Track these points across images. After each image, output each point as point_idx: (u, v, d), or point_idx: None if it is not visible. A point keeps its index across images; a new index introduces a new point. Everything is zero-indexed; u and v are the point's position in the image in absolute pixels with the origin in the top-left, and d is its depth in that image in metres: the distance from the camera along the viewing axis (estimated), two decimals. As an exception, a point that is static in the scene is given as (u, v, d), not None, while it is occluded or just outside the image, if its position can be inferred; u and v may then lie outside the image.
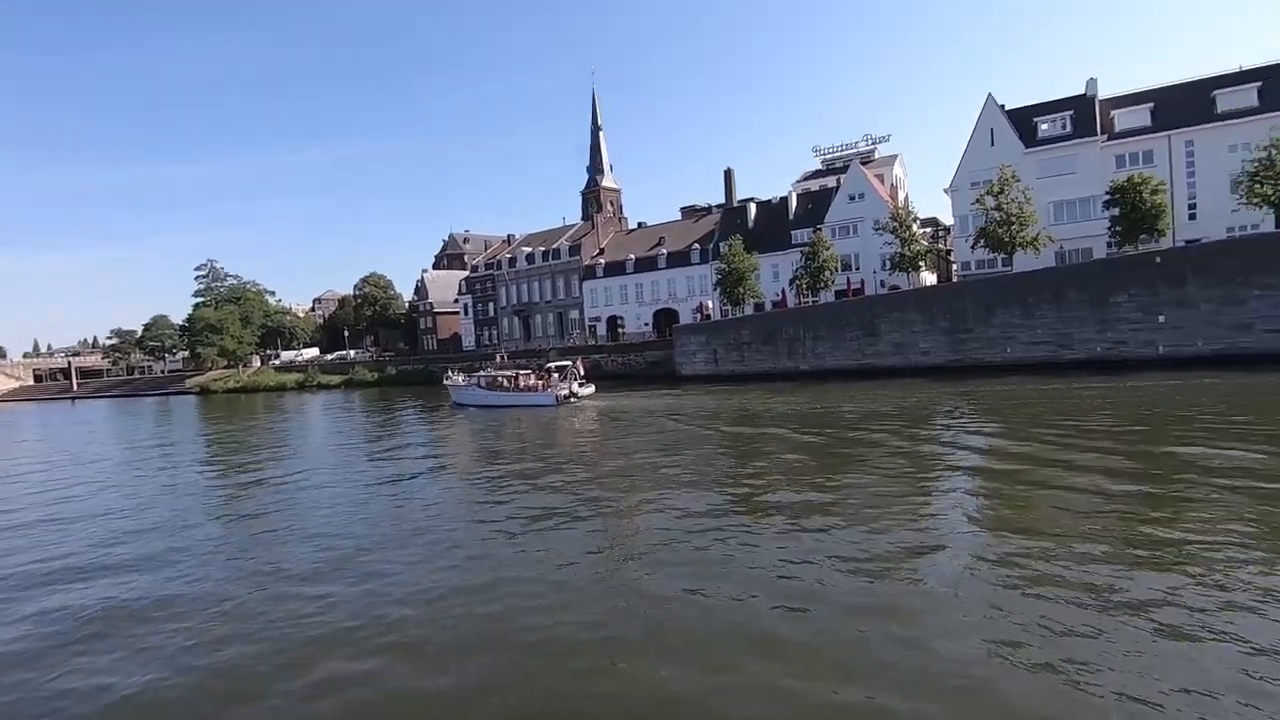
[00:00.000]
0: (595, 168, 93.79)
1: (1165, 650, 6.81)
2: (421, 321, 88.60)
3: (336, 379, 75.50)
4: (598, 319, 68.43)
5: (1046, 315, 36.29)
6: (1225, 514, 10.81)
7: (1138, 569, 8.92)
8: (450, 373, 47.43)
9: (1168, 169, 43.01)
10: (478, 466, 21.42)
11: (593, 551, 11.57)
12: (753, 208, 62.40)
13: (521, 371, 41.87)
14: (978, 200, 42.50)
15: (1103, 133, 45.35)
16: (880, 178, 59.40)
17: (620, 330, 65.85)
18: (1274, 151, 35.28)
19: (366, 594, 10.06)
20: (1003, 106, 48.63)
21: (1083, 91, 47.73)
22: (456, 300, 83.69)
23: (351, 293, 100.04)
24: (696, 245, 62.82)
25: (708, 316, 54.66)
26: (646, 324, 64.45)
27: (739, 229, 58.64)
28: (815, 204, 58.62)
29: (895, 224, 47.11)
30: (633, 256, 66.84)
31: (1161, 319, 33.32)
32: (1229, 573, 8.53)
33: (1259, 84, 42.34)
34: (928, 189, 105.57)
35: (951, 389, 31.22)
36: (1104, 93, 47.43)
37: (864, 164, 59.96)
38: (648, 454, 20.23)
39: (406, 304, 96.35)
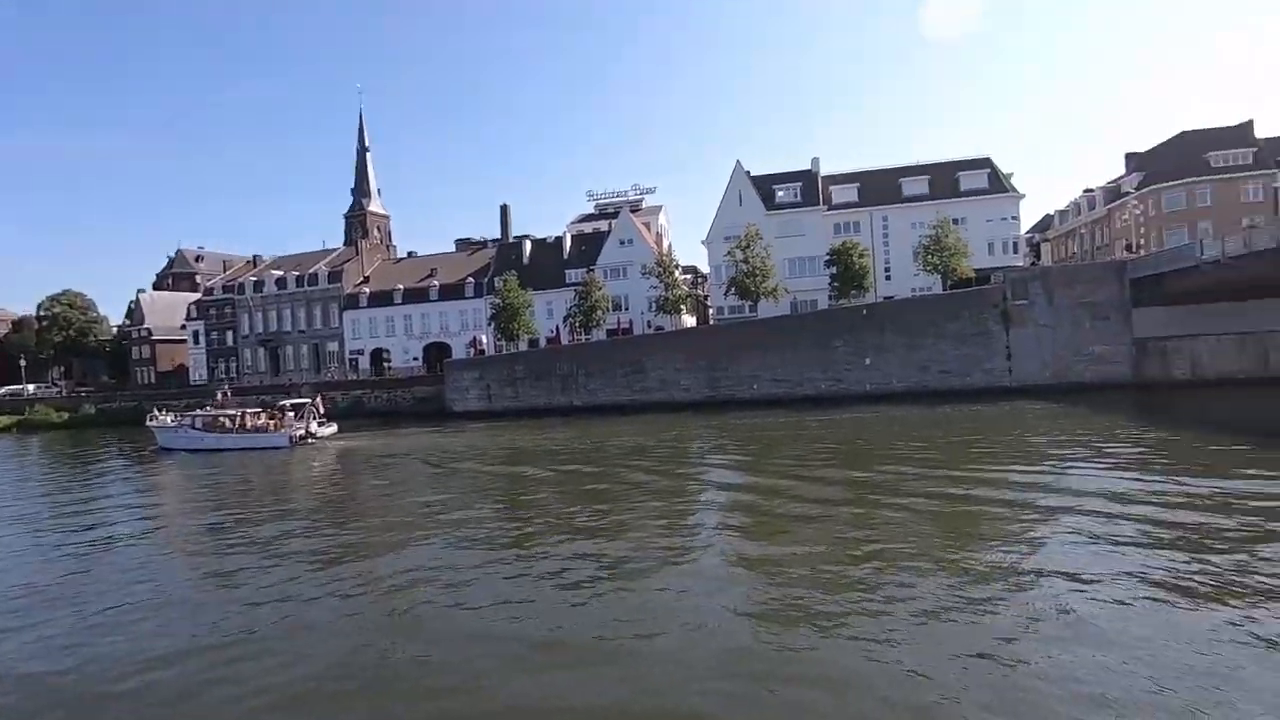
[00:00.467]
0: (361, 191, 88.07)
1: (900, 631, 8.00)
2: (135, 350, 74.52)
3: (4, 420, 60.21)
4: (360, 352, 63.50)
5: (784, 356, 41.55)
6: (908, 517, 13.15)
7: (853, 565, 10.41)
8: (156, 412, 40.58)
9: (870, 237, 52.24)
10: (171, 521, 18.39)
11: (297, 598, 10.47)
12: (528, 245, 63.08)
13: (249, 410, 37.11)
14: (728, 253, 47.69)
15: (824, 203, 53.79)
16: (647, 225, 63.84)
17: (386, 365, 61.72)
18: (939, 231, 44.80)
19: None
20: (749, 173, 55.40)
21: (809, 168, 56.32)
22: (184, 326, 72.04)
23: (35, 313, 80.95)
24: (471, 279, 61.63)
25: (482, 351, 53.61)
26: (416, 358, 61.29)
27: (514, 265, 58.78)
28: (589, 245, 61.03)
29: (660, 269, 50.78)
30: (401, 287, 63.49)
31: (868, 361, 40.00)
32: (915, 562, 10.33)
33: (928, 176, 53.61)
34: (689, 239, 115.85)
35: (708, 422, 34.11)
36: (825, 170, 56.43)
37: (633, 212, 64.05)
38: (393, 497, 19.05)
39: (114, 329, 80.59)
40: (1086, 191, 66.10)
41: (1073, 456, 19.27)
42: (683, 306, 52.63)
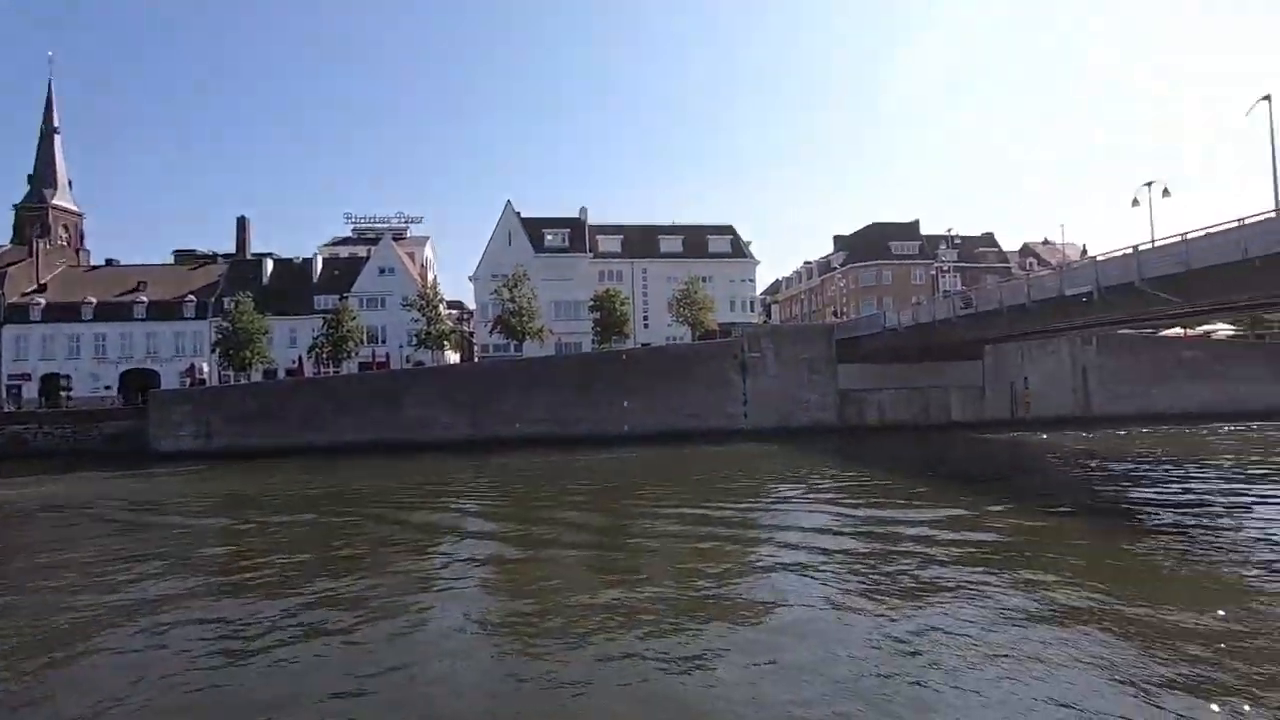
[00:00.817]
0: (44, 180, 71.65)
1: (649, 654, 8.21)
2: None
3: None
4: (24, 377, 50.79)
5: (549, 398, 42.03)
6: (662, 548, 13.96)
7: (591, 600, 10.67)
8: None
9: (631, 287, 55.75)
10: None
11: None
12: (270, 264, 56.51)
13: None
14: (496, 291, 47.46)
15: (591, 251, 56.30)
16: (411, 256, 61.06)
17: (65, 394, 50.03)
18: (690, 286, 49.46)
19: None
20: (519, 214, 56.06)
21: (577, 215, 58.72)
22: None
23: None
24: (193, 297, 53.19)
25: (201, 381, 46.20)
26: (109, 387, 50.74)
27: (251, 285, 52.11)
28: (344, 271, 56.46)
29: (423, 302, 48.68)
30: (94, 300, 52.51)
31: (626, 404, 42.15)
32: (655, 591, 10.92)
33: (683, 237, 59.10)
34: (455, 275, 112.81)
35: (468, 462, 33.04)
36: (592, 219, 59.25)
37: (396, 240, 60.87)
38: (54, 567, 15.38)
39: None
40: (806, 264, 78.13)
41: (793, 491, 22.17)
42: (446, 342, 50.89)
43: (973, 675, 7.91)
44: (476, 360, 55.08)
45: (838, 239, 73.04)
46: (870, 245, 66.25)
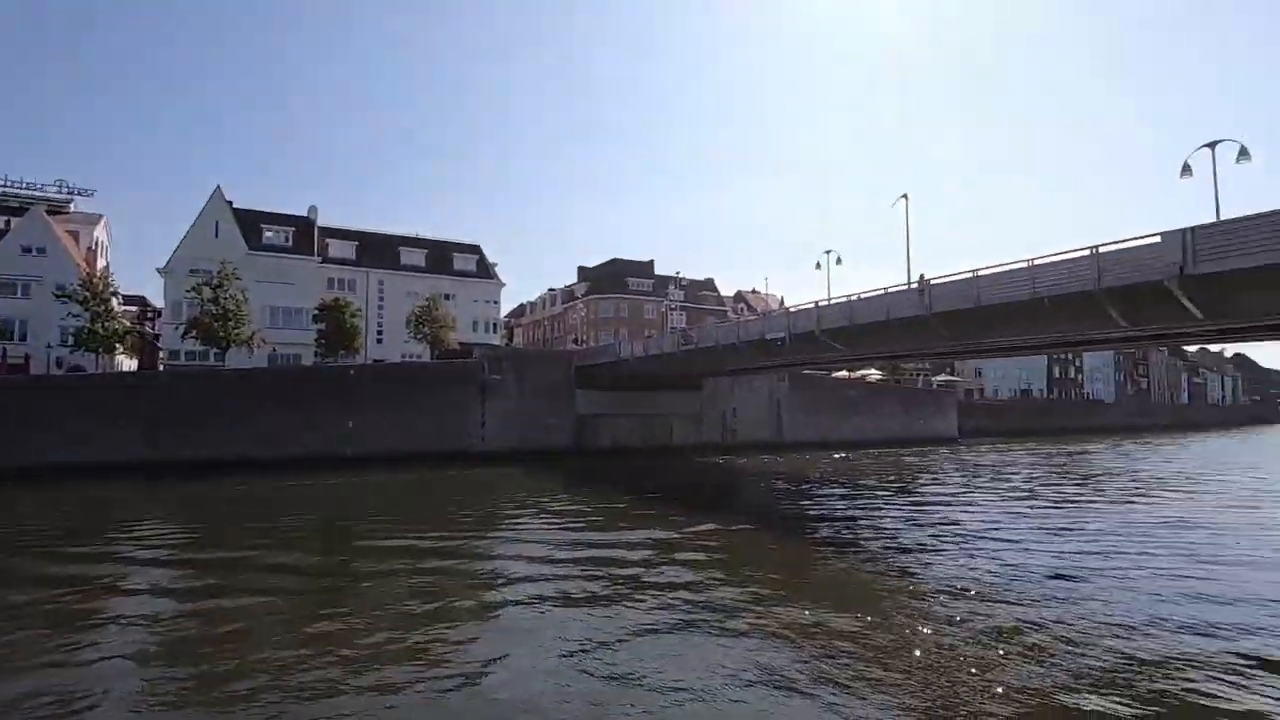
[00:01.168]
0: None
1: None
2: None
3: None
4: None
5: (257, 414, 36.72)
6: (377, 588, 12.93)
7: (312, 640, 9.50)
8: None
9: (366, 298, 51.71)
10: None
11: None
12: None
13: None
14: (194, 289, 40.39)
15: (319, 255, 51.06)
16: (75, 236, 49.30)
17: None
18: (432, 303, 47.47)
19: None
20: (231, 203, 48.79)
21: (305, 214, 52.99)
22: None
23: None
24: None
25: None
26: None
27: None
28: (-37, 245, 43.41)
29: (88, 294, 39.49)
30: None
31: (351, 424, 38.64)
32: (397, 627, 10.08)
33: (426, 250, 56.70)
34: (138, 263, 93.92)
35: (147, 491, 27.34)
36: (323, 220, 53.91)
37: (53, 214, 48.71)
38: None
39: None
40: (551, 290, 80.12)
41: (529, 514, 22.22)
42: (119, 344, 41.84)
43: (674, 681, 8.64)
44: (163, 368, 46.12)
45: (582, 270, 76.32)
46: (611, 279, 70.40)
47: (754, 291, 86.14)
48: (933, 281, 21.17)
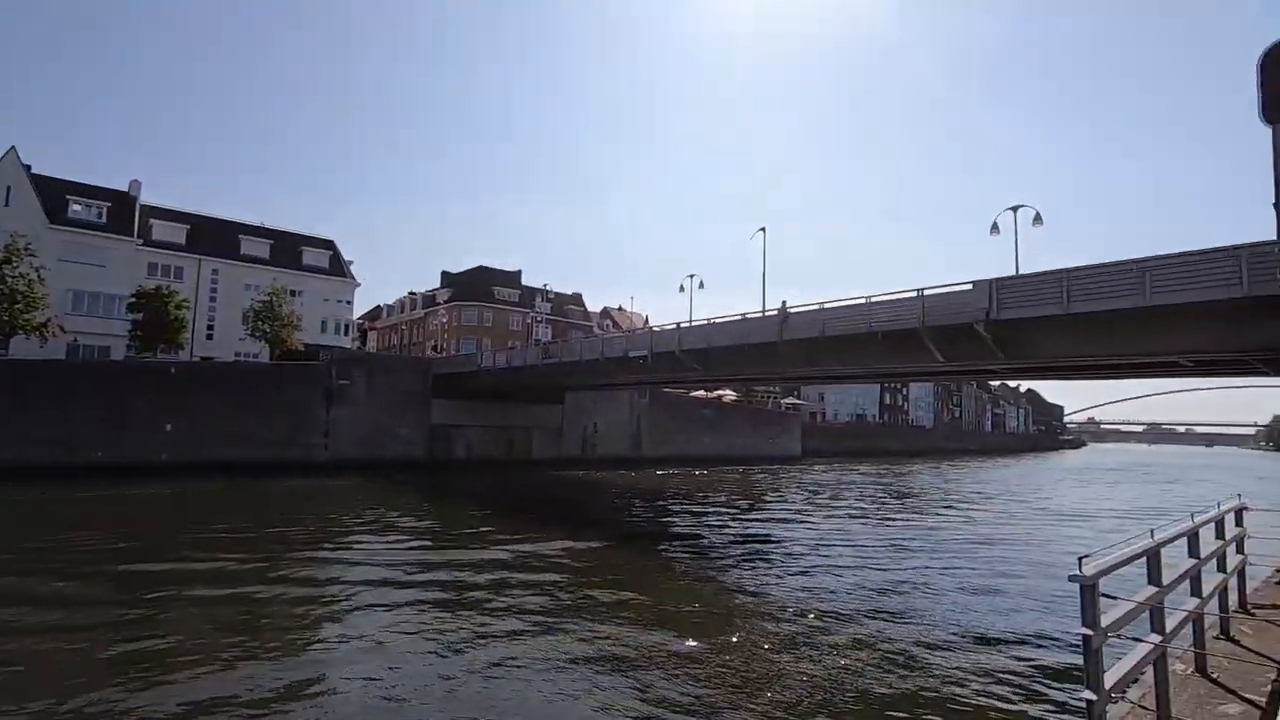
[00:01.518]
0: None
1: None
2: None
3: None
4: None
5: (51, 413, 31.70)
6: (198, 617, 11.55)
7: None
8: None
9: (196, 289, 46.55)
10: None
11: None
12: None
13: None
14: (-29, 263, 34.23)
15: (140, 236, 45.35)
16: None
17: None
18: (275, 298, 43.65)
19: None
20: (29, 167, 42.18)
21: (126, 189, 46.93)
22: None
23: None
24: None
25: None
26: None
27: None
28: None
29: None
30: None
31: (169, 427, 34.45)
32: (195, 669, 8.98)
33: (272, 242, 52.15)
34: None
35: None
36: (147, 198, 48.00)
37: None
38: None
39: None
40: (411, 294, 76.54)
41: (373, 528, 20.88)
42: None
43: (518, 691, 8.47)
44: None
45: (445, 275, 73.66)
46: (476, 286, 68.54)
47: (620, 309, 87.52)
48: (788, 311, 22.64)
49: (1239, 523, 7.22)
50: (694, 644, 10.76)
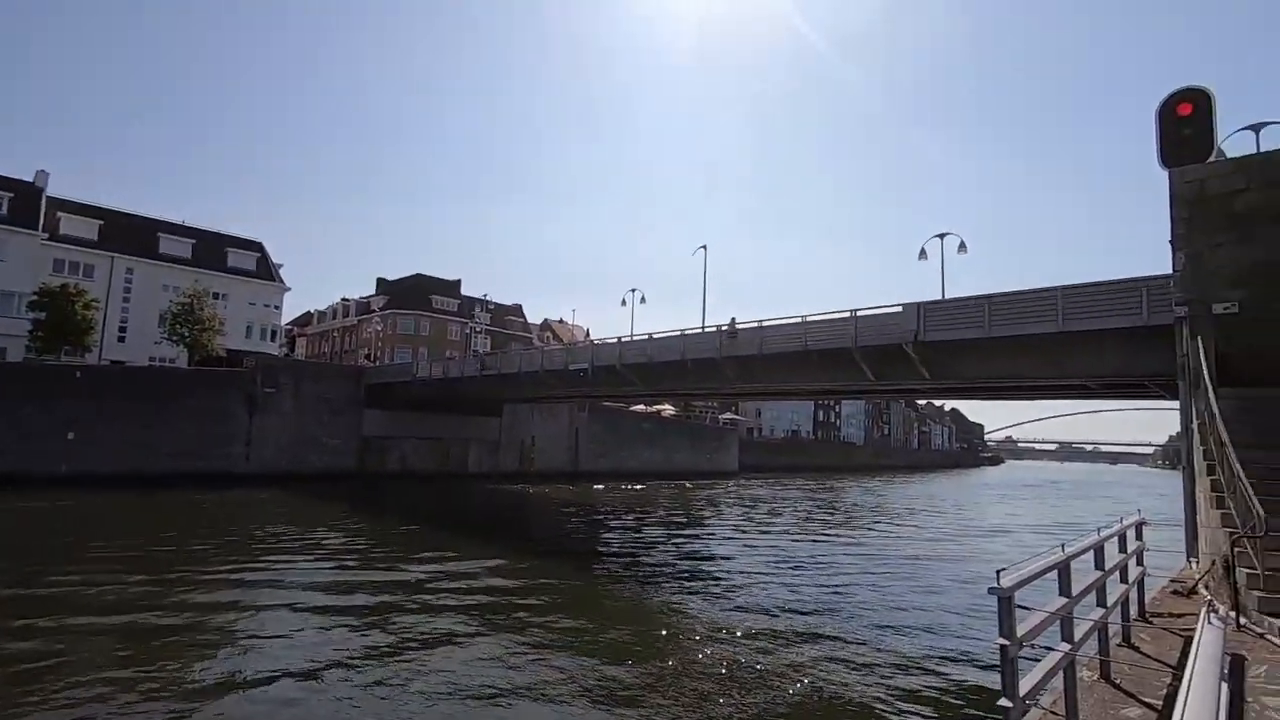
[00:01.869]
0: None
1: None
2: None
3: None
4: None
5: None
6: (79, 645, 10.71)
7: None
8: None
9: (108, 288, 43.74)
10: None
11: None
12: None
13: None
14: None
15: (45, 230, 42.36)
16: None
17: None
18: (195, 301, 41.48)
19: None
20: (-80, 152, 38.82)
21: (31, 179, 43.81)
22: None
23: None
24: None
25: None
26: None
27: None
28: None
29: None
30: None
31: (72, 435, 32.11)
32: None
33: (194, 241, 49.61)
34: None
35: None
36: (54, 190, 44.93)
37: None
38: None
39: None
40: (345, 300, 74.04)
41: (291, 545, 19.92)
42: None
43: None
44: None
45: (381, 282, 71.66)
46: (414, 295, 66.92)
47: (561, 321, 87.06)
48: (723, 328, 23.01)
49: (1139, 536, 7.72)
50: (627, 667, 10.68)
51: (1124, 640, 6.38)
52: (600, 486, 46.09)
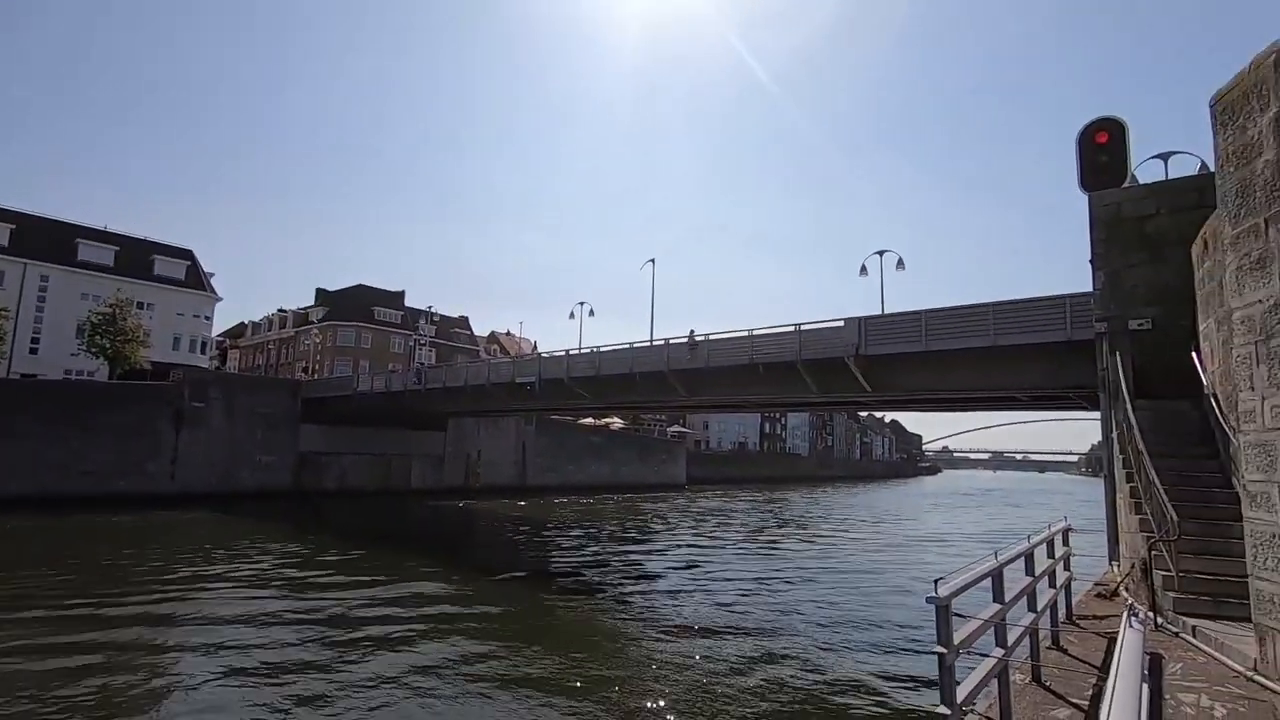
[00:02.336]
0: None
1: None
2: None
3: None
4: None
5: None
6: None
7: None
8: None
9: (17, 296, 41.07)
10: None
11: None
12: None
13: None
14: None
15: (-50, 234, 39.53)
16: None
17: None
18: (116, 311, 39.30)
19: None
20: None
21: (-66, 179, 40.85)
22: None
23: None
24: None
25: None
26: None
27: None
28: None
29: None
30: None
31: (-25, 455, 29.83)
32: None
33: (117, 248, 47.13)
34: None
35: None
36: (-38, 192, 42.00)
37: None
38: None
39: None
40: (280, 311, 71.44)
41: (214, 572, 18.93)
42: None
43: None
44: None
45: (321, 293, 69.46)
46: (355, 306, 65.08)
47: (508, 334, 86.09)
48: (670, 342, 23.13)
49: (1065, 542, 8.07)
50: (575, 690, 10.51)
51: (1053, 643, 6.62)
52: (547, 501, 45.53)
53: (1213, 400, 8.81)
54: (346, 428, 41.83)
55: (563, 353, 27.30)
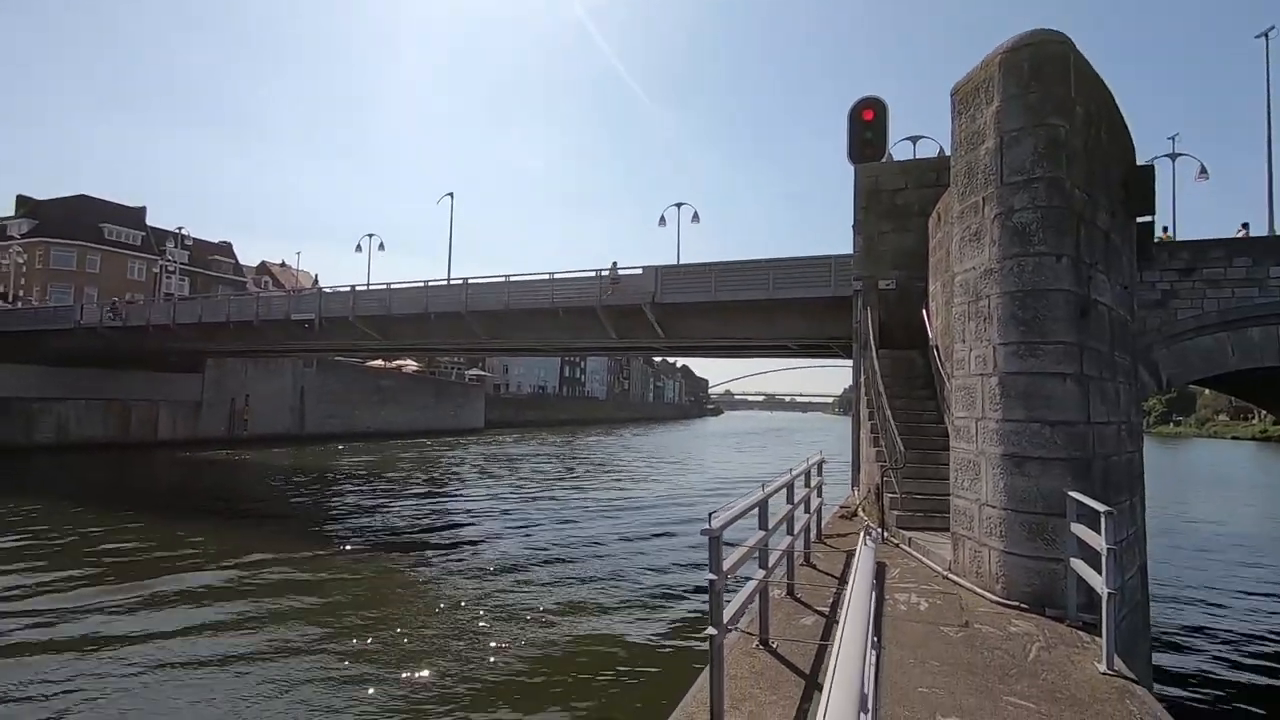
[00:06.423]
0: None
1: None
2: None
3: None
4: None
5: None
6: None
7: None
8: None
9: None
10: None
11: None
12: None
13: None
14: None
15: None
16: None
17: None
18: None
19: None
20: None
21: None
22: None
23: None
24: None
25: None
26: None
27: None
28: None
29: None
30: None
31: None
32: None
33: None
34: None
35: None
36: None
37: None
38: None
39: None
40: (-36, 221, 56.43)
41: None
42: None
43: None
44: None
45: (26, 201, 56.01)
46: (75, 221, 53.46)
47: (283, 265, 76.78)
48: (470, 281, 22.19)
49: (819, 472, 9.22)
50: (367, 650, 10.00)
51: (805, 561, 7.56)
52: (330, 449, 42.22)
53: (935, 351, 10.46)
54: (66, 369, 34.85)
55: (348, 288, 24.99)
